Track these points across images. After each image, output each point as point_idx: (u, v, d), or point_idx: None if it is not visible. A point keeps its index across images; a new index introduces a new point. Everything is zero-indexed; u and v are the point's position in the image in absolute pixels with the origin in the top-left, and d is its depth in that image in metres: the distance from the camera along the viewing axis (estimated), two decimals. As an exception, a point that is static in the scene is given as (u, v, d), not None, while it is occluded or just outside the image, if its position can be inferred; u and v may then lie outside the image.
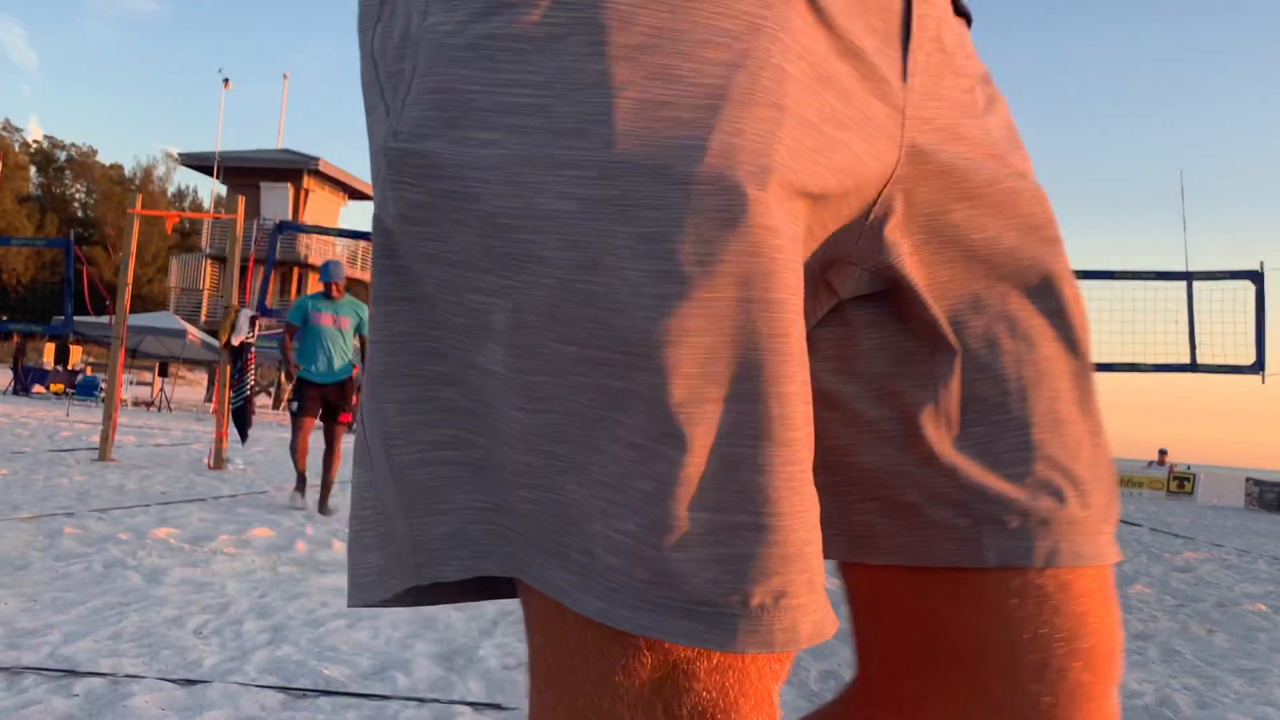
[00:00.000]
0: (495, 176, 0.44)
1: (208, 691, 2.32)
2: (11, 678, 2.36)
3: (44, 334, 26.25)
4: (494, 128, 0.44)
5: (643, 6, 0.45)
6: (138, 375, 27.60)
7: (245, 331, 8.60)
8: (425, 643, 2.96)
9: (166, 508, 5.72)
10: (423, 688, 2.50)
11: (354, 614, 3.29)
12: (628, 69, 0.44)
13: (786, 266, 0.45)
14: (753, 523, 0.43)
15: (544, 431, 0.44)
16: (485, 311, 0.45)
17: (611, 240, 0.43)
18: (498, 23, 0.45)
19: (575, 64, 0.44)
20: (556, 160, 0.43)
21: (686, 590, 0.43)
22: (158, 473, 7.86)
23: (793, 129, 0.47)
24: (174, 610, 3.16)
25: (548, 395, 0.44)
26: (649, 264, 0.43)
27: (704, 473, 0.43)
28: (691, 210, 0.43)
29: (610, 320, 0.43)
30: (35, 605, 3.12)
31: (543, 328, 0.44)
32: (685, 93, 0.44)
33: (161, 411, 22.65)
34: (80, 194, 58.61)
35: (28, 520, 4.85)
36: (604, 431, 0.44)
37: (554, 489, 0.45)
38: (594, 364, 0.43)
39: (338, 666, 2.61)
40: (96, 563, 3.88)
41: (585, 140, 0.43)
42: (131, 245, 8.98)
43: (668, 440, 0.43)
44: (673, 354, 0.43)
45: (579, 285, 0.43)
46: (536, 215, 0.44)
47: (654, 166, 0.43)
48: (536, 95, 0.44)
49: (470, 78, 0.45)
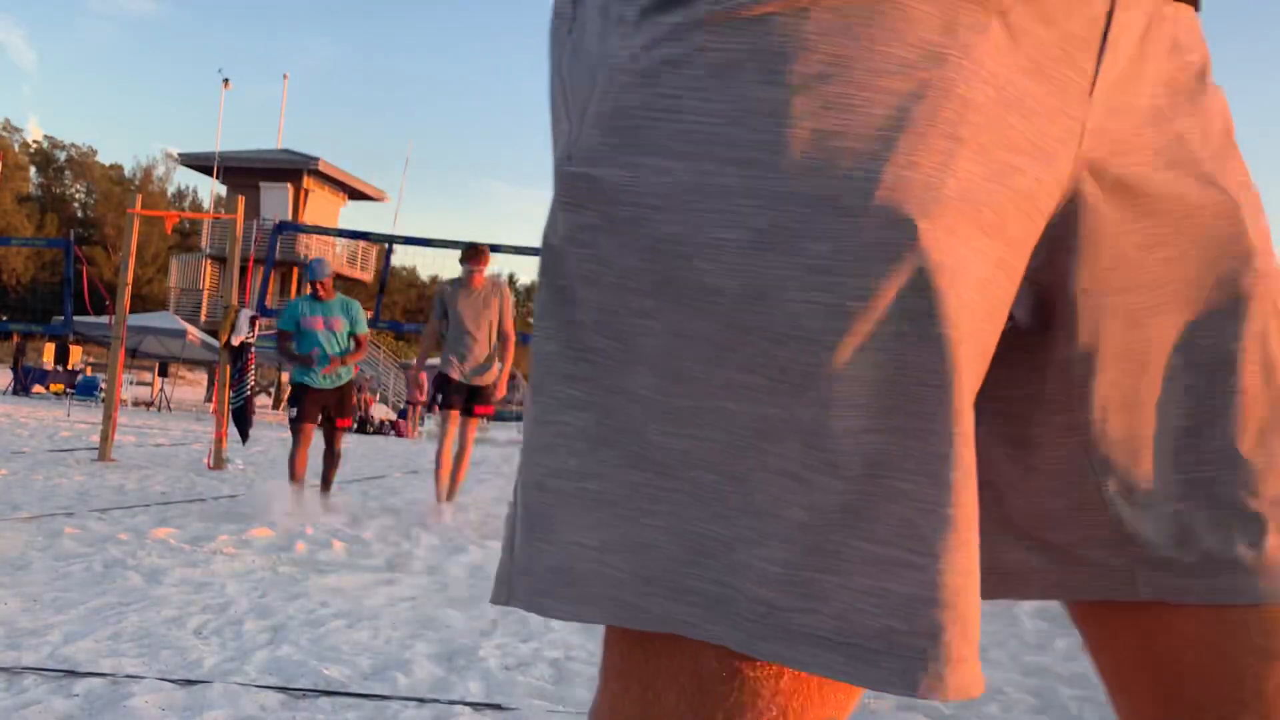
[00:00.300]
0: (665, 203, 0.45)
1: (208, 692, 2.32)
2: (11, 678, 2.36)
3: (44, 334, 26.25)
4: (666, 154, 0.45)
5: (821, 35, 0.44)
6: (138, 375, 27.60)
7: (245, 331, 8.60)
8: (425, 643, 2.96)
9: (166, 508, 5.73)
10: (423, 688, 2.50)
11: (354, 614, 3.29)
12: (803, 98, 0.44)
13: (956, 303, 0.44)
14: (907, 560, 0.43)
15: (683, 458, 0.45)
16: (639, 335, 0.46)
17: (778, 271, 0.43)
18: (674, 50, 0.46)
19: (751, 92, 0.44)
20: (728, 189, 0.44)
21: (831, 622, 0.43)
22: (158, 473, 7.86)
23: (970, 159, 0.46)
24: (174, 610, 3.16)
25: (694, 421, 0.44)
26: (816, 296, 0.43)
27: (861, 505, 0.43)
28: (860, 243, 0.43)
29: (772, 350, 0.43)
30: (35, 605, 3.12)
31: (699, 354, 0.44)
32: (859, 123, 0.44)
33: (161, 411, 22.65)
34: (80, 194, 58.64)
35: (28, 520, 4.85)
36: (751, 460, 0.44)
37: (687, 518, 0.45)
38: (750, 392, 0.44)
39: (338, 666, 2.61)
40: (96, 563, 3.88)
41: (757, 169, 0.43)
42: (131, 245, 8.98)
43: (826, 470, 0.43)
44: (835, 386, 0.43)
45: (742, 314, 0.43)
46: (703, 243, 0.44)
47: (825, 198, 0.43)
48: (710, 124, 0.44)
49: (646, 104, 0.46)
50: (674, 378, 0.45)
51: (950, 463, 0.44)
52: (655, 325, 0.45)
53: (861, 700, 2.63)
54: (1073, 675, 3.06)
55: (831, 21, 0.44)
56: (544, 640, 3.09)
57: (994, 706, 2.64)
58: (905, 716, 2.47)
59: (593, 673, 2.74)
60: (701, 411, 0.44)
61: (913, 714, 2.50)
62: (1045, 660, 3.26)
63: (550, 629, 3.26)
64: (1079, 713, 2.63)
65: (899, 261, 0.43)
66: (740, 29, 0.45)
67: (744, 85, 0.44)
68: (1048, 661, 3.25)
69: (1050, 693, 2.80)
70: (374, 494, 7.53)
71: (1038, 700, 2.73)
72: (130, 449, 10.13)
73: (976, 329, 0.46)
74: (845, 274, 0.43)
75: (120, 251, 9.43)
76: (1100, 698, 2.79)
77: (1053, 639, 3.65)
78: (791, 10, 0.44)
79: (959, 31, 0.46)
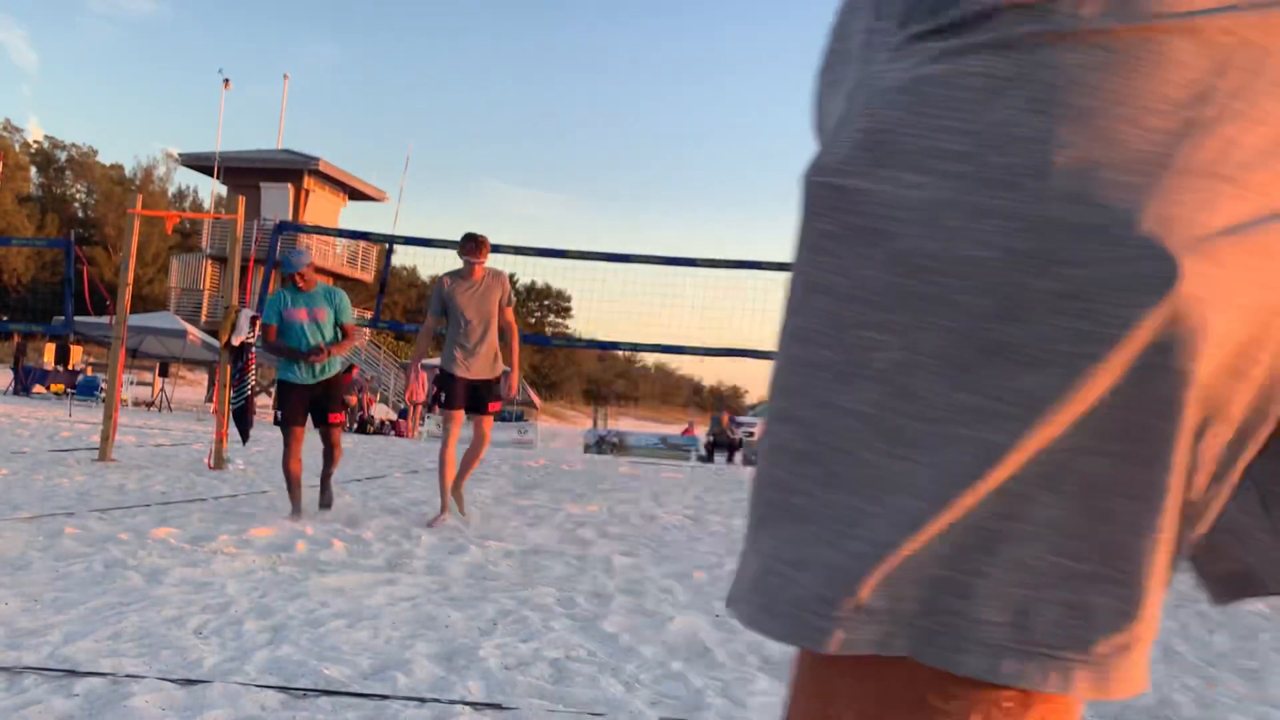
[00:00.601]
0: (914, 217, 0.45)
1: (208, 691, 2.32)
2: (12, 678, 2.36)
3: (44, 334, 26.25)
4: (921, 170, 0.45)
5: (1091, 69, 0.45)
6: (138, 375, 27.60)
7: (246, 331, 8.61)
8: (425, 643, 2.96)
9: (167, 508, 5.73)
10: (423, 688, 2.50)
11: (354, 613, 3.29)
12: (1069, 128, 0.44)
13: (1208, 340, 0.45)
14: (1112, 577, 0.44)
15: (896, 481, 0.45)
16: (868, 349, 0.46)
17: (1029, 293, 0.43)
18: (938, 70, 0.46)
19: (1015, 117, 0.45)
20: (982, 208, 0.44)
21: (1034, 633, 0.44)
22: (158, 473, 7.86)
23: (1233, 199, 0.46)
24: (174, 610, 3.16)
25: (916, 442, 0.45)
26: (1065, 321, 0.43)
27: (1070, 522, 0.44)
28: (1121, 273, 0.43)
29: (1014, 372, 0.43)
30: (35, 605, 3.12)
31: (934, 372, 0.44)
32: (1125, 157, 0.44)
33: (162, 411, 22.66)
34: (81, 194, 58.63)
35: (28, 520, 4.85)
36: (968, 486, 0.44)
37: (888, 543, 0.45)
38: (982, 415, 0.44)
39: (338, 666, 2.61)
40: (97, 563, 3.88)
41: (1016, 192, 0.44)
42: (132, 245, 8.98)
43: (1041, 486, 0.44)
44: (1071, 410, 0.43)
45: (987, 333, 0.44)
46: (953, 259, 0.44)
47: (1084, 225, 0.43)
48: (970, 143, 0.45)
49: (904, 120, 0.46)
50: (904, 395, 0.45)
51: (1164, 492, 0.45)
52: (890, 340, 0.45)
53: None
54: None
55: (1101, 58, 0.45)
56: (544, 640, 3.09)
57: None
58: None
59: (592, 672, 2.74)
60: (927, 433, 0.44)
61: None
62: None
63: (550, 629, 3.26)
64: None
65: (1158, 294, 0.43)
66: (1008, 57, 0.45)
67: (1009, 111, 0.45)
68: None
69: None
70: (374, 494, 7.54)
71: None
72: (131, 449, 10.13)
73: (1219, 365, 0.46)
74: (1104, 302, 0.43)
75: (121, 252, 9.44)
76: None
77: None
78: (1061, 44, 0.45)
79: (1230, 73, 0.46)
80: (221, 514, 5.63)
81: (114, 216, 50.37)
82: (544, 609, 3.59)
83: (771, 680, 2.80)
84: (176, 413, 22.85)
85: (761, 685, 2.73)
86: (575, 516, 6.88)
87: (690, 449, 19.55)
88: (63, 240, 9.55)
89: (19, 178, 51.51)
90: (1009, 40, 0.45)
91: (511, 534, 5.69)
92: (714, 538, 6.35)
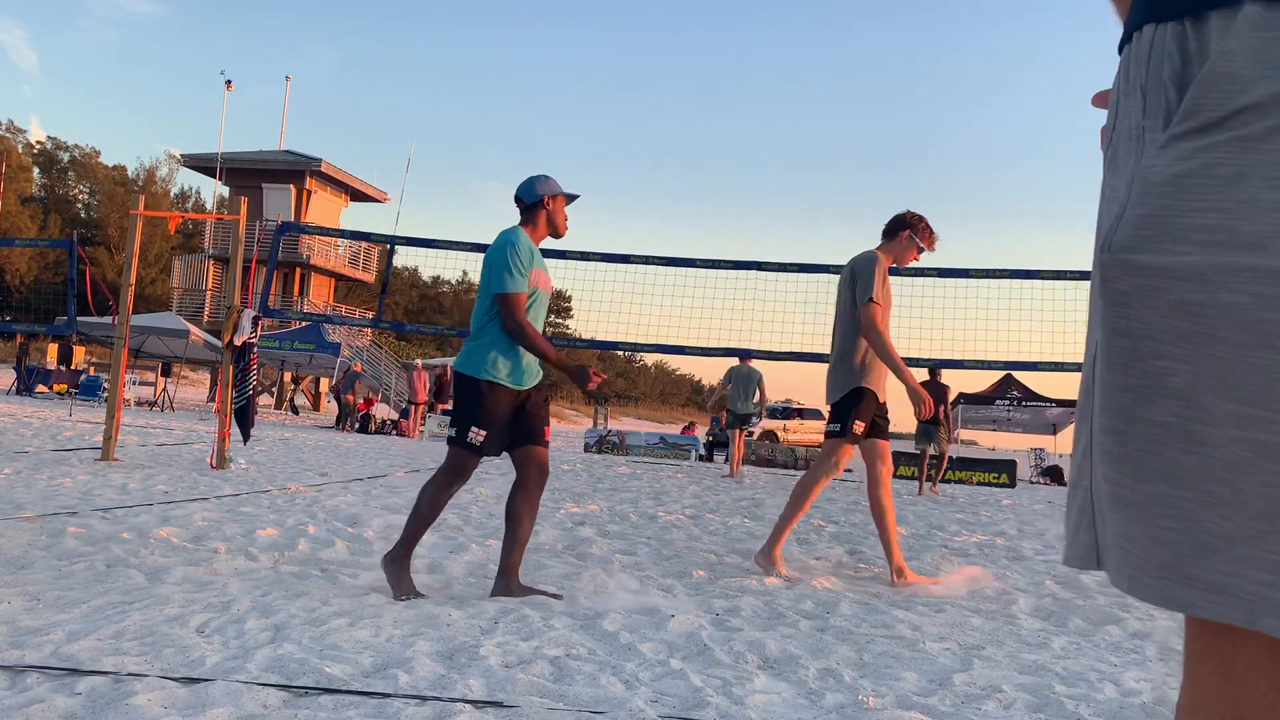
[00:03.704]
0: (1185, 274, 0.60)
1: (210, 690, 2.33)
2: (14, 676, 2.37)
3: (47, 334, 26.27)
4: (1186, 242, 0.60)
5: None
6: (140, 375, 27.62)
7: (248, 331, 8.62)
8: (426, 641, 2.97)
9: (169, 507, 5.74)
10: (424, 686, 2.51)
11: (355, 612, 3.30)
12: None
13: None
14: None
15: (1197, 471, 0.58)
16: (1164, 375, 0.61)
17: (1275, 325, 0.56)
18: (1194, 165, 0.61)
19: (1257, 195, 0.58)
20: (1235, 266, 0.57)
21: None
22: (160, 472, 7.88)
23: None
24: (176, 609, 3.18)
25: (1205, 441, 0.58)
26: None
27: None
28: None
29: (1271, 387, 0.56)
30: (38, 604, 3.14)
31: (1213, 389, 0.58)
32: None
33: (164, 411, 22.68)
34: (83, 195, 58.64)
35: (31, 519, 4.86)
36: (1251, 476, 0.56)
37: (1195, 520, 0.59)
38: (1250, 421, 0.56)
39: (339, 664, 2.62)
40: (99, 562, 3.89)
41: (1262, 253, 0.57)
42: (134, 246, 9.00)
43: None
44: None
45: (1249, 359, 0.56)
46: (1217, 305, 0.58)
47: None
48: (1222, 218, 0.59)
49: (1170, 207, 0.61)
50: (1194, 407, 0.59)
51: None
52: (1180, 367, 0.59)
53: (859, 699, 2.63)
54: (1069, 674, 3.08)
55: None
56: (544, 638, 3.11)
57: (991, 704, 2.65)
58: (905, 715, 2.48)
59: (592, 670, 2.76)
60: (1213, 434, 0.58)
61: (912, 713, 2.51)
62: (1043, 659, 3.28)
63: (550, 627, 3.27)
64: (1075, 710, 2.64)
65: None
66: (1246, 148, 0.59)
67: (1252, 190, 0.58)
68: (1045, 660, 3.26)
69: (1047, 690, 2.81)
70: (375, 493, 7.55)
71: (1035, 698, 2.74)
72: (133, 448, 10.15)
73: None
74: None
75: (123, 252, 9.45)
76: (1096, 695, 2.80)
77: (1050, 638, 3.66)
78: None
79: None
80: (224, 513, 5.64)
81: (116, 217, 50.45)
82: (544, 607, 3.60)
83: (771, 679, 2.82)
84: (179, 412, 22.87)
85: (761, 684, 2.74)
86: (575, 516, 6.89)
87: (690, 449, 19.54)
88: (66, 241, 9.56)
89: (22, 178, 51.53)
90: (1245, 137, 0.59)
91: (512, 533, 5.69)
92: (713, 537, 6.36)
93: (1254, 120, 0.58)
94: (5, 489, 6.05)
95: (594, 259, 8.97)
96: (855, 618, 3.86)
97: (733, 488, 11.45)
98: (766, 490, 11.38)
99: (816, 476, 4.94)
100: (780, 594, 4.32)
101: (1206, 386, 0.58)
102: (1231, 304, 0.57)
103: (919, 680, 2.89)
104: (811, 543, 6.42)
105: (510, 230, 3.84)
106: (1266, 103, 0.58)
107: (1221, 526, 0.57)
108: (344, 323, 11.41)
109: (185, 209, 58.16)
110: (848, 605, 4.10)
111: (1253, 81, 0.58)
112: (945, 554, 6.29)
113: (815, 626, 3.60)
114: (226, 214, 25.41)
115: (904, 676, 2.92)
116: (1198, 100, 0.61)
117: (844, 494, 11.65)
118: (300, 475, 8.72)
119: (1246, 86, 0.59)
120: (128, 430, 13.03)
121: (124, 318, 8.97)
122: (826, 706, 2.56)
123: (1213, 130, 0.60)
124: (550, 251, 9.04)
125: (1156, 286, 0.60)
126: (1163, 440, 0.60)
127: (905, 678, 2.91)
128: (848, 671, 2.94)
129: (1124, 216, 0.64)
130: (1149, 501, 0.60)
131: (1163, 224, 0.61)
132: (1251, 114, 0.58)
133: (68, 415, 16.09)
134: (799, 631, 3.49)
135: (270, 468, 9.15)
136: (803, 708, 2.55)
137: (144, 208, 9.13)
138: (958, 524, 8.50)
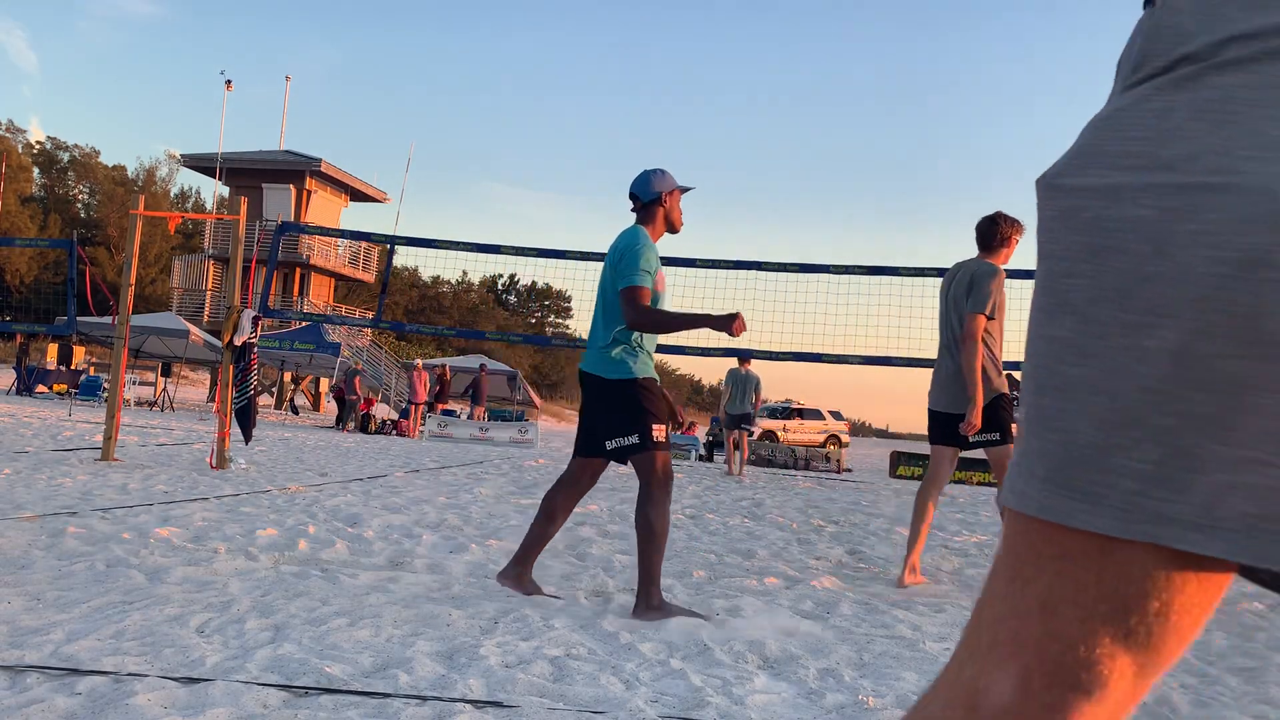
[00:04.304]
0: (1102, 192, 0.61)
1: (210, 690, 2.33)
2: (14, 676, 2.37)
3: (47, 334, 26.28)
4: (1111, 166, 0.62)
5: (1240, 88, 0.59)
6: (140, 375, 27.62)
7: (248, 331, 8.62)
8: (426, 641, 2.97)
9: (169, 507, 5.74)
10: (424, 685, 2.51)
11: (355, 612, 3.30)
12: (1219, 131, 0.59)
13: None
14: (1267, 460, 0.54)
15: (1080, 383, 0.60)
16: (1068, 291, 0.62)
17: (1177, 235, 0.57)
18: (1128, 100, 0.63)
19: (1180, 124, 0.59)
20: (1149, 184, 0.59)
21: (1194, 509, 0.56)
22: (160, 472, 7.88)
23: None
24: (176, 609, 3.18)
25: (1093, 353, 0.59)
26: (1205, 251, 0.56)
27: (1223, 416, 0.55)
28: (1242, 213, 0.56)
29: (1164, 291, 0.57)
30: (38, 604, 3.14)
31: (1110, 300, 0.59)
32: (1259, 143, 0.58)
33: (164, 411, 22.68)
34: (83, 195, 58.65)
35: (31, 520, 4.86)
36: (1128, 382, 0.58)
37: (1076, 431, 0.60)
38: (1137, 328, 0.58)
39: (339, 664, 2.62)
40: (99, 562, 3.89)
41: (1173, 172, 0.58)
42: (134, 246, 9.00)
43: (1193, 386, 0.56)
44: (1208, 317, 0.55)
45: (1145, 268, 0.58)
46: (1126, 218, 0.60)
47: (1221, 185, 0.57)
48: (1145, 145, 0.61)
49: (1102, 136, 0.63)
50: (1088, 320, 0.60)
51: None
52: (1085, 282, 0.61)
53: (859, 699, 2.63)
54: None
55: (1244, 79, 0.59)
56: (544, 638, 3.11)
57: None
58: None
59: (592, 670, 2.76)
60: (1101, 346, 0.59)
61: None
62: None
63: (550, 627, 3.27)
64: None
65: (1271, 224, 0.55)
66: (1179, 86, 0.61)
67: (1176, 119, 0.60)
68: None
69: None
70: (375, 493, 7.55)
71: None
72: (133, 448, 10.15)
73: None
74: (1228, 234, 0.55)
75: (123, 252, 9.46)
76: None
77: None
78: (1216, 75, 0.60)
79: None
80: (224, 513, 5.64)
81: (116, 217, 50.44)
82: (544, 607, 3.60)
83: (771, 678, 2.82)
84: (179, 412, 22.87)
85: (761, 683, 2.74)
86: (575, 516, 6.89)
87: (690, 449, 19.54)
88: (65, 241, 9.56)
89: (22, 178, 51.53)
90: (1179, 78, 0.61)
91: (511, 533, 5.70)
92: (713, 537, 6.36)
93: (1188, 66, 0.61)
94: (5, 489, 6.05)
95: (594, 259, 8.97)
96: (855, 618, 3.86)
97: (733, 487, 11.45)
98: (766, 490, 11.38)
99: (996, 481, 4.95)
100: (780, 594, 4.33)
101: (1105, 298, 0.59)
102: (1138, 217, 0.59)
103: (919, 680, 2.89)
104: (811, 543, 6.42)
105: (634, 231, 3.81)
106: (1202, 52, 0.61)
107: (1098, 435, 0.58)
108: (344, 323, 11.41)
109: (185, 209, 58.17)
110: (848, 605, 4.10)
111: (1193, 35, 0.62)
112: (945, 554, 6.29)
113: (815, 626, 3.60)
114: (226, 214, 25.41)
115: (904, 676, 2.92)
116: (1145, 52, 0.65)
117: (844, 494, 11.65)
118: (300, 475, 8.72)
119: (1187, 39, 0.62)
120: (128, 430, 13.03)
121: (124, 318, 8.97)
122: (826, 706, 2.56)
123: (1155, 77, 0.63)
124: (551, 251, 9.04)
125: (1075, 205, 0.62)
126: (1058, 355, 0.61)
127: (905, 678, 2.91)
128: (848, 671, 2.94)
129: (1064, 153, 0.67)
130: (1040, 415, 0.62)
131: (1091, 151, 0.63)
132: (1188, 63, 0.61)
133: (68, 415, 16.09)
134: (799, 631, 3.49)
135: (270, 468, 9.15)
136: (803, 708, 2.55)
137: (144, 208, 9.13)
138: (958, 524, 8.49)
